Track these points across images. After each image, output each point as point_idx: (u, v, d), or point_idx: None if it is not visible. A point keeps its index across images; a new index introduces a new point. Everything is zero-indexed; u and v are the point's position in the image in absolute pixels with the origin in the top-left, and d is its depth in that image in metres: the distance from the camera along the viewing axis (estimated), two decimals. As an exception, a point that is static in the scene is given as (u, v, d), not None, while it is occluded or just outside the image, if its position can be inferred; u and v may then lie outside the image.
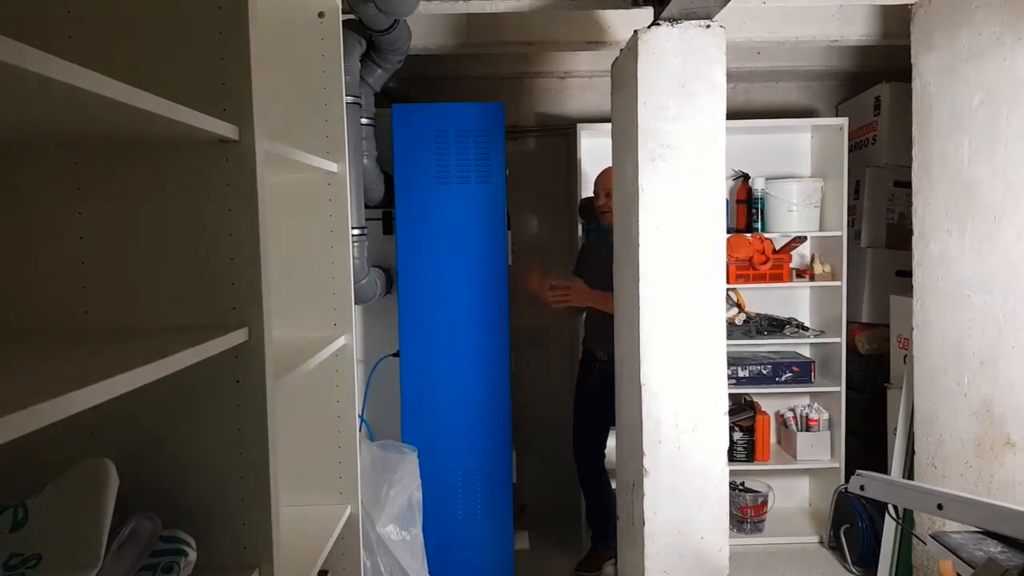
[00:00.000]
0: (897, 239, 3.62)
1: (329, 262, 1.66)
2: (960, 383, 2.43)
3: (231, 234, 1.07)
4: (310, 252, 1.64)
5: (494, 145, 2.82)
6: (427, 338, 2.88)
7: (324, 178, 1.66)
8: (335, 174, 1.67)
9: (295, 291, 1.64)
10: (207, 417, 1.07)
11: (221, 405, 1.07)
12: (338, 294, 1.67)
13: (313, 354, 1.42)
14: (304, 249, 1.64)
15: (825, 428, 3.57)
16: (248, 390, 1.07)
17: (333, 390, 1.66)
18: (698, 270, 2.21)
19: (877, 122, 3.61)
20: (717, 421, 2.24)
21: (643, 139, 2.19)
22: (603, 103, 3.83)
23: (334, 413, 1.66)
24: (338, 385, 1.67)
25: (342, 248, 1.67)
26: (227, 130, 1.04)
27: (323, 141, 1.65)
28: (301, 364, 1.31)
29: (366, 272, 2.67)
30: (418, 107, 2.85)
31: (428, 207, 2.83)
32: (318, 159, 1.55)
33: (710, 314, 2.22)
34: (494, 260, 2.86)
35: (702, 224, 2.21)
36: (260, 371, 1.07)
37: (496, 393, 2.90)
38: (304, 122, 1.63)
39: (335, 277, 1.66)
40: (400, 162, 2.83)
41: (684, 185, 2.20)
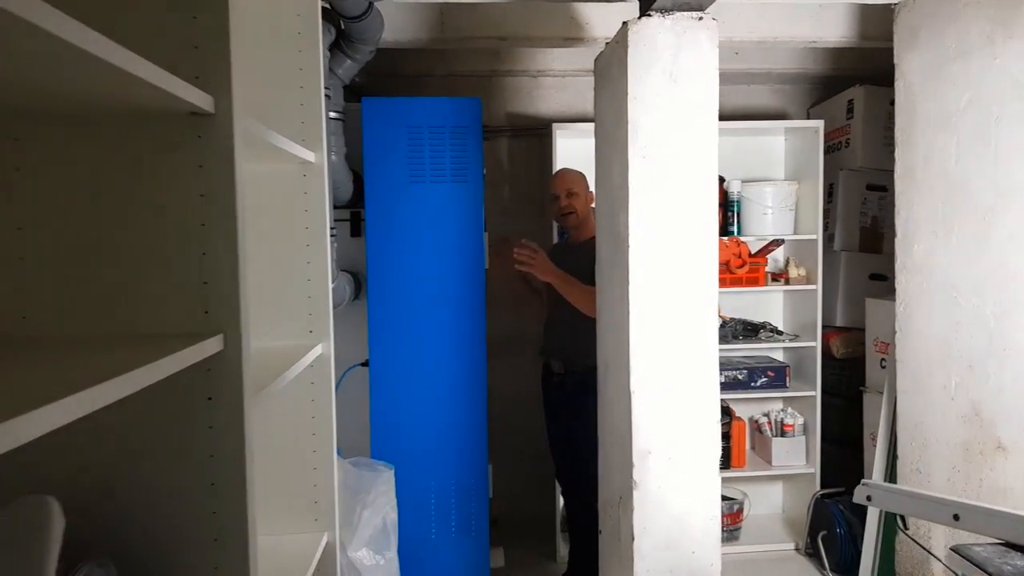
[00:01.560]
0: (870, 242, 3.61)
1: (304, 262, 1.50)
2: (947, 386, 2.39)
3: (203, 224, 0.92)
4: (283, 251, 1.49)
5: (471, 142, 2.69)
6: (398, 346, 2.73)
7: (299, 168, 1.51)
8: (312, 164, 1.52)
9: (267, 295, 1.48)
10: (173, 443, 0.91)
11: (190, 428, 0.91)
12: (314, 298, 1.52)
13: (288, 365, 1.27)
14: (277, 248, 1.49)
15: (800, 433, 3.52)
16: (223, 409, 0.92)
17: (308, 405, 1.51)
18: (690, 273, 2.12)
19: (850, 125, 3.59)
20: (709, 430, 2.15)
21: (633, 135, 2.09)
22: (578, 103, 3.73)
23: (309, 430, 1.51)
24: (314, 399, 1.52)
25: (319, 247, 1.52)
26: (201, 100, 0.89)
27: (299, 127, 1.50)
28: (276, 377, 1.16)
29: (334, 276, 2.51)
30: (390, 101, 2.71)
31: (400, 207, 2.69)
32: (295, 146, 1.40)
33: (702, 320, 2.13)
34: (470, 263, 2.73)
35: (695, 225, 2.12)
36: (237, 386, 0.93)
37: (472, 404, 2.77)
38: (277, 106, 1.48)
39: (311, 279, 1.51)
40: (370, 159, 2.68)
41: (676, 184, 2.11)
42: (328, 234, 1.54)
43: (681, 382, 2.13)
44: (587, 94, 3.74)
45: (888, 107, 3.53)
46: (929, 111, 2.44)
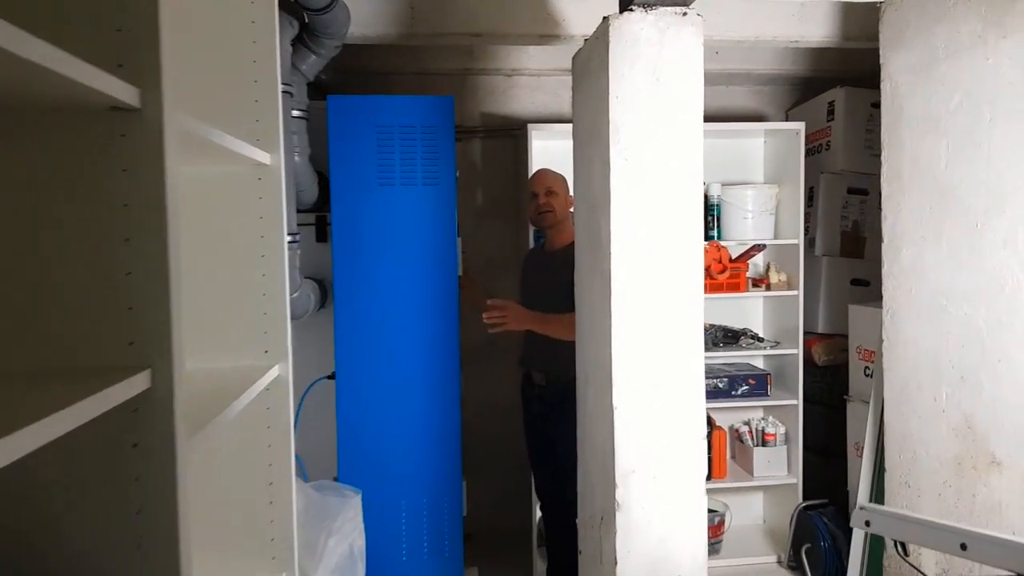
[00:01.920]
0: (851, 247, 3.54)
1: (259, 275, 1.36)
2: (937, 398, 2.31)
3: (128, 240, 0.78)
4: (235, 262, 1.34)
5: (443, 143, 2.56)
6: (367, 357, 2.58)
7: (253, 171, 1.37)
8: (267, 167, 1.38)
9: (216, 312, 1.34)
10: (90, 499, 0.77)
11: (111, 480, 0.77)
12: (271, 314, 1.37)
13: (239, 393, 1.13)
14: (227, 259, 1.34)
15: (782, 443, 3.45)
16: (152, 456, 0.78)
17: (263, 433, 1.37)
18: (675, 281, 2.01)
19: (831, 127, 3.52)
20: (695, 446, 2.04)
21: (615, 136, 1.98)
22: (553, 103, 3.62)
23: (265, 461, 1.37)
24: (270, 426, 1.37)
25: (276, 257, 1.38)
26: (124, 93, 0.75)
27: (252, 126, 1.35)
28: (223, 410, 1.02)
29: (298, 284, 2.36)
30: (358, 99, 2.56)
31: (368, 211, 2.55)
32: (247, 146, 1.26)
33: (688, 330, 2.02)
34: (443, 270, 2.59)
35: (679, 230, 2.01)
36: (168, 429, 0.79)
37: (446, 417, 2.63)
38: (229, 102, 1.33)
39: (266, 293, 1.36)
40: (337, 160, 2.53)
41: (660, 186, 2.00)
42: (285, 244, 1.40)
43: (666, 397, 2.02)
44: (563, 94, 3.63)
45: (870, 109, 3.47)
46: (917, 113, 2.36)
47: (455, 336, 2.63)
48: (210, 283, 1.33)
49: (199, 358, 1.33)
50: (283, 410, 1.39)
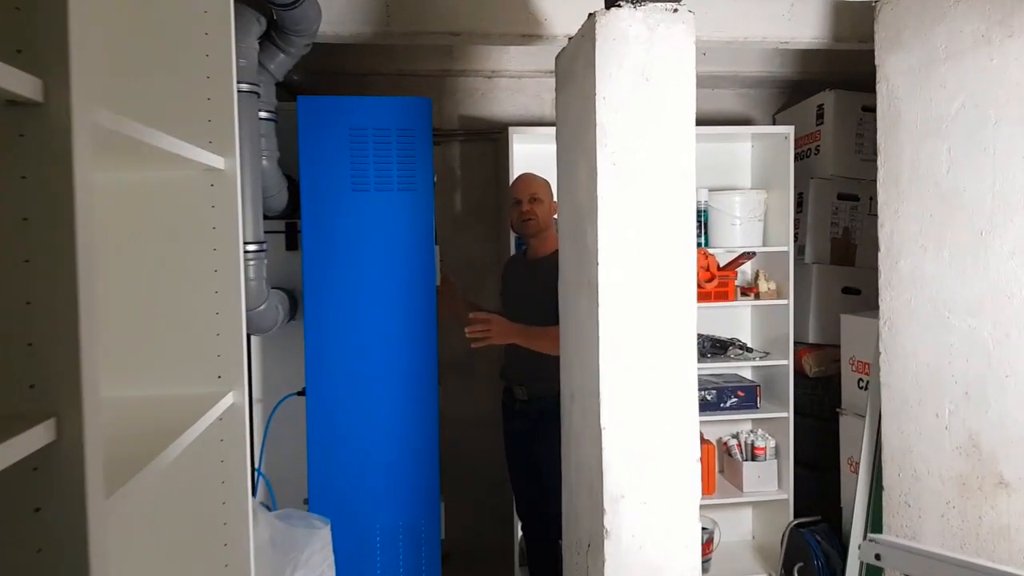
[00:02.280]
0: (842, 255, 3.46)
1: (211, 291, 1.22)
2: (940, 414, 2.21)
3: (28, 261, 0.64)
4: (184, 279, 1.20)
5: (420, 146, 2.42)
6: (339, 372, 2.44)
7: (205, 177, 1.23)
8: (221, 172, 1.24)
9: (161, 333, 1.19)
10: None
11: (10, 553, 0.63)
12: (224, 335, 1.23)
13: (183, 428, 0.98)
14: (175, 275, 1.20)
15: (772, 457, 3.34)
16: (57, 523, 0.64)
17: (216, 468, 1.22)
18: (667, 291, 1.89)
19: (820, 131, 3.44)
20: (689, 468, 1.92)
21: (602, 139, 1.85)
22: (535, 106, 3.50)
23: (218, 498, 1.22)
24: (224, 460, 1.23)
25: (230, 272, 1.24)
26: (23, 85, 0.62)
27: (204, 127, 1.21)
28: (161, 452, 0.88)
29: (265, 296, 2.21)
30: (330, 100, 2.42)
31: (341, 217, 2.41)
32: (195, 149, 1.12)
33: (680, 344, 1.90)
34: (420, 280, 2.46)
35: (671, 237, 1.89)
36: (77, 489, 0.65)
37: (423, 435, 2.49)
38: (176, 101, 1.19)
39: (220, 311, 1.22)
40: (307, 164, 2.39)
41: (650, 192, 1.88)
42: (242, 257, 1.26)
43: (657, 416, 1.90)
44: (545, 96, 3.51)
45: (860, 112, 3.39)
46: (915, 116, 2.27)
47: (433, 349, 2.49)
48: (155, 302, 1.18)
49: (142, 385, 1.18)
50: (238, 442, 1.24)
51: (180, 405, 1.14)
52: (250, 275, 2.14)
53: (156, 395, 1.18)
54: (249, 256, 2.13)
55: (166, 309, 1.20)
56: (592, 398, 1.94)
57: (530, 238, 2.76)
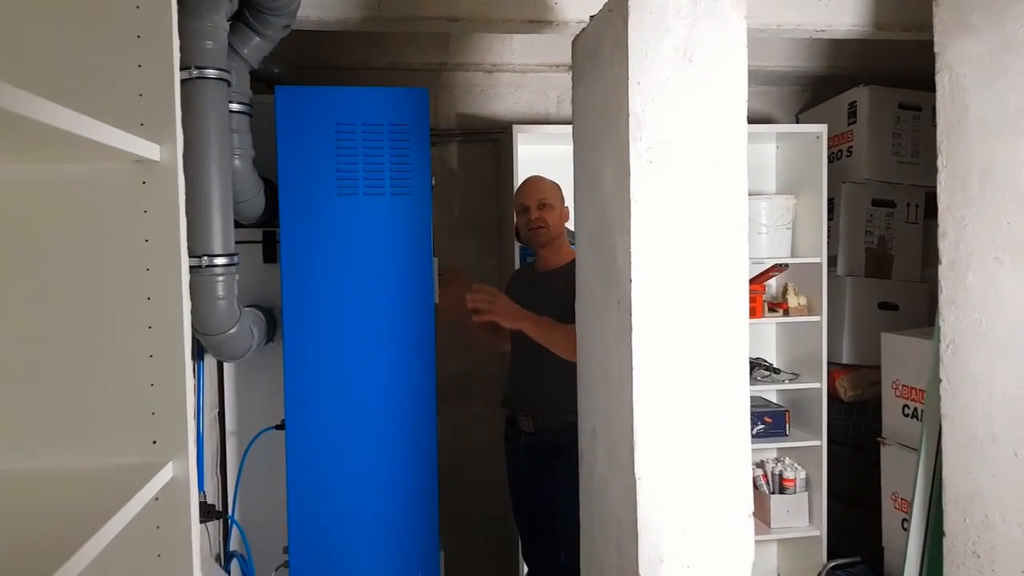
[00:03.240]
0: (877, 267, 3.16)
1: (142, 326, 0.90)
2: (1018, 454, 1.91)
3: None
4: (103, 310, 0.88)
5: (415, 144, 2.11)
6: (323, 403, 2.12)
7: (135, 172, 0.91)
8: (157, 166, 0.92)
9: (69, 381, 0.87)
10: None
11: None
12: (162, 384, 0.91)
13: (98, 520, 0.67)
14: (90, 304, 0.88)
15: (802, 489, 3.03)
16: None
17: (152, 564, 0.90)
18: (716, 315, 1.59)
19: (853, 131, 3.15)
20: (741, 526, 1.61)
21: (636, 132, 1.55)
22: (540, 104, 3.20)
23: (149, 611, 0.90)
24: (161, 555, 0.91)
25: (169, 299, 0.92)
26: None
27: (132, 104, 0.90)
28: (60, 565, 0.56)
29: (236, 317, 1.89)
30: (313, 91, 2.11)
31: (326, 226, 2.09)
32: (117, 133, 0.80)
33: (731, 377, 1.60)
34: (416, 297, 2.14)
35: (720, 249, 1.59)
36: None
37: (419, 476, 2.17)
38: (93, 68, 0.88)
39: (155, 354, 0.91)
40: (287, 165, 2.07)
41: (695, 194, 1.57)
42: (185, 279, 0.94)
43: (704, 464, 1.59)
44: (551, 93, 3.21)
45: (897, 110, 3.11)
46: (987, 109, 1.98)
47: (431, 377, 2.17)
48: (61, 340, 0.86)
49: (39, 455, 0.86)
50: (181, 528, 0.92)
51: (95, 483, 0.82)
52: (218, 293, 1.82)
53: (59, 468, 0.86)
54: (217, 272, 1.81)
55: (78, 350, 0.88)
56: (623, 441, 1.63)
57: (539, 248, 2.45)
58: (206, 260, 1.76)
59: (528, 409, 2.39)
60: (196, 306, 1.81)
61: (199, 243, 1.77)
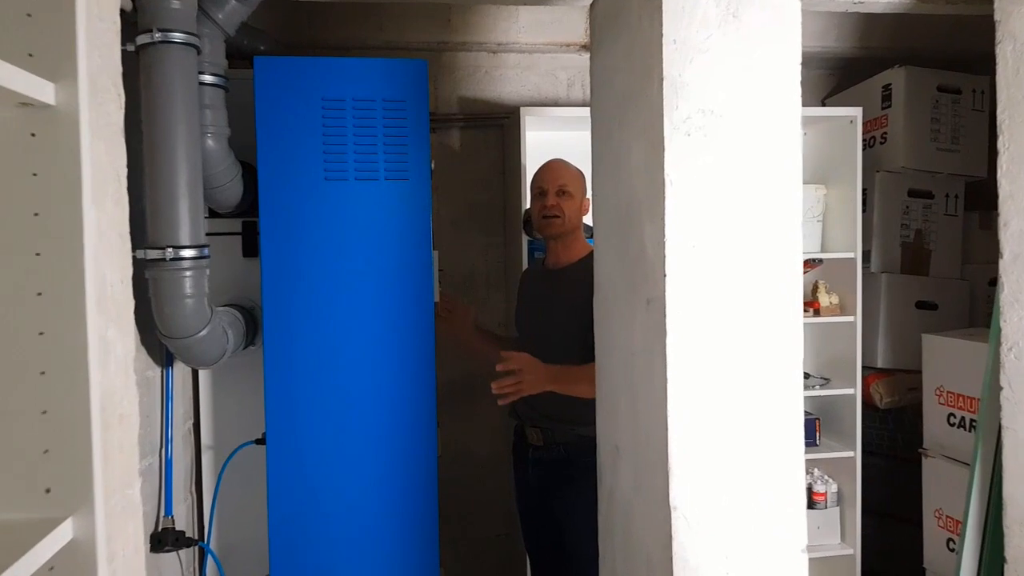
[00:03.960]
0: (914, 262, 2.92)
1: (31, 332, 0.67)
2: (1100, 473, 1.67)
3: None
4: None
5: (413, 123, 1.88)
6: (310, 413, 1.88)
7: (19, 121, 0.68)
8: (51, 110, 0.68)
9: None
10: None
11: None
12: (58, 414, 0.68)
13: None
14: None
15: (834, 504, 2.80)
16: None
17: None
18: (765, 314, 1.35)
19: (887, 116, 2.91)
20: (795, 563, 1.37)
21: (672, 99, 1.31)
22: (548, 86, 2.96)
23: None
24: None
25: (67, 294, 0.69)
26: None
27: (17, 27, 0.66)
28: None
29: (206, 318, 1.66)
30: (296, 62, 1.88)
31: (311, 214, 1.86)
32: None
33: (783, 389, 1.36)
34: (413, 294, 1.91)
35: (770, 237, 1.35)
36: None
37: (417, 494, 1.94)
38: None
39: (48, 371, 0.67)
40: (267, 146, 1.84)
41: (739, 174, 1.34)
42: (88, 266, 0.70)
43: (751, 491, 1.35)
44: (560, 75, 2.98)
45: (936, 93, 2.87)
46: (1061, 82, 1.74)
47: (431, 383, 1.94)
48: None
49: None
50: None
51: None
52: (185, 291, 1.59)
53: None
54: (184, 266, 1.58)
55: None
56: (654, 463, 1.39)
57: (552, 241, 2.21)
58: (171, 252, 1.53)
59: (536, 420, 2.16)
60: (160, 305, 1.58)
61: (163, 233, 1.54)
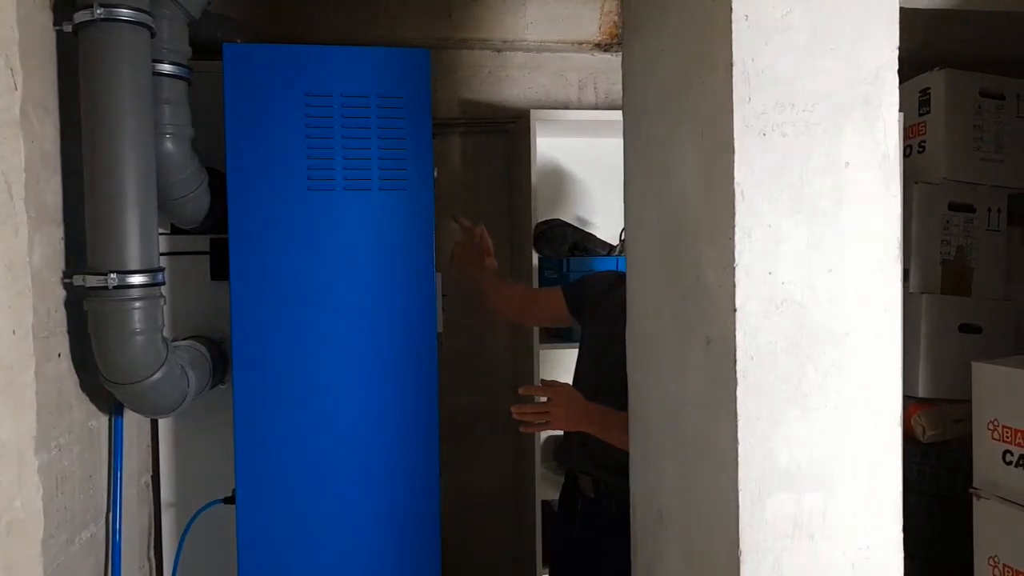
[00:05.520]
0: (956, 282, 2.67)
1: None
2: None
3: None
4: None
5: (414, 123, 1.60)
6: (288, 467, 1.60)
7: None
8: None
9: None
10: None
11: None
12: None
13: None
14: None
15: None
16: None
17: None
18: (853, 360, 1.08)
19: (926, 123, 2.67)
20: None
21: (743, 90, 1.05)
22: (557, 89, 2.70)
23: None
24: None
25: None
26: None
27: None
28: None
29: (161, 358, 1.36)
30: (273, 50, 1.60)
31: (291, 230, 1.58)
32: None
33: (882, 449, 1.09)
34: (413, 324, 1.62)
35: (864, 262, 1.09)
36: None
37: (416, 562, 1.64)
38: None
39: None
40: (239, 149, 1.56)
41: (828, 183, 1.07)
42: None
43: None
44: (570, 76, 2.71)
45: (978, 99, 2.63)
46: None
47: (432, 428, 1.65)
48: None
49: None
50: None
51: None
52: (133, 326, 1.30)
53: None
54: (131, 295, 1.29)
55: None
56: (715, 541, 1.12)
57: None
58: (115, 279, 1.25)
59: (588, 467, 1.81)
60: (102, 344, 1.29)
61: (105, 254, 1.25)
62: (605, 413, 1.57)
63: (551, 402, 1.56)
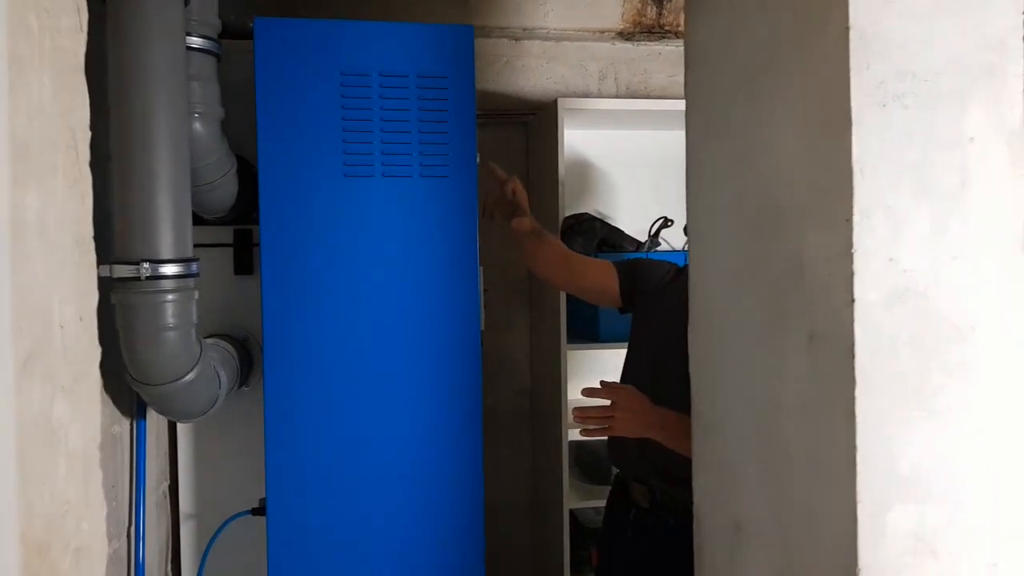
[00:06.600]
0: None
1: None
2: None
3: None
4: None
5: (457, 105, 1.49)
6: (321, 475, 1.47)
7: None
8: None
9: None
10: None
11: None
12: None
13: None
14: None
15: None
16: None
17: None
18: (985, 355, 0.98)
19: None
20: None
21: (862, 57, 0.95)
22: (578, 80, 2.60)
23: None
24: None
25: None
26: None
27: None
28: None
29: (195, 356, 1.24)
30: (308, 26, 1.47)
31: (326, 220, 1.45)
32: None
33: (1013, 454, 0.99)
34: (456, 319, 1.51)
35: (987, 249, 0.99)
36: None
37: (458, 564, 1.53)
38: None
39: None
40: (270, 133, 1.43)
41: (955, 160, 0.97)
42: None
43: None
44: (591, 66, 2.61)
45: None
46: None
47: (477, 431, 1.54)
48: None
49: None
50: None
51: None
52: (166, 320, 1.17)
53: None
54: (165, 287, 1.16)
55: None
56: (823, 555, 1.01)
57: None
58: (147, 269, 1.11)
59: (643, 475, 1.69)
60: (132, 341, 1.16)
61: (136, 242, 1.13)
62: (674, 419, 1.45)
63: (615, 406, 1.44)
